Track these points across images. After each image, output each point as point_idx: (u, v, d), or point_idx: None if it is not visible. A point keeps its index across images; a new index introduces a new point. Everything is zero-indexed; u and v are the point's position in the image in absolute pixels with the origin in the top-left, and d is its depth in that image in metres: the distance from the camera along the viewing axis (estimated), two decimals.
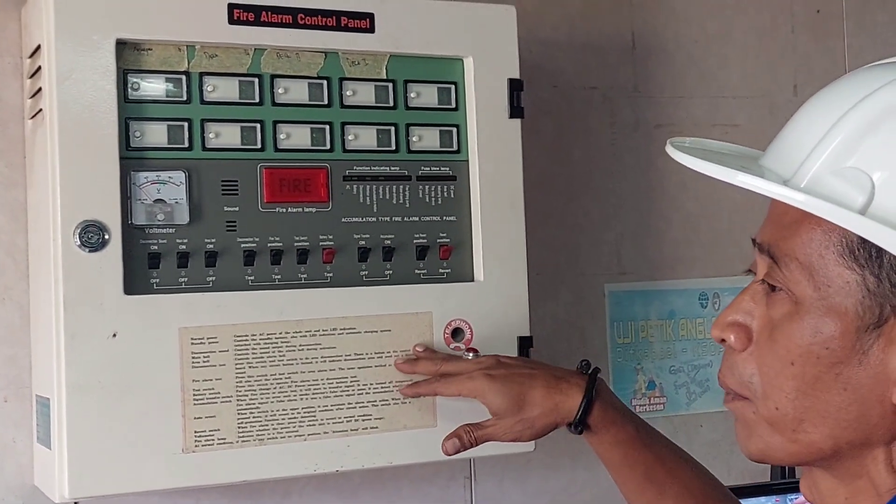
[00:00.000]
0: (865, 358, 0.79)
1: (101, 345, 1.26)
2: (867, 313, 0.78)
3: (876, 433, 0.81)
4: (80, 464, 1.25)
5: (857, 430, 0.81)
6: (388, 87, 1.44)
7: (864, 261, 0.78)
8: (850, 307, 0.79)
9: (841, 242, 0.79)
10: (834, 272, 0.80)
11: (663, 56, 1.88)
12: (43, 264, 1.33)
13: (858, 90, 0.81)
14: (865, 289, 0.78)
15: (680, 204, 1.88)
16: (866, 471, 0.83)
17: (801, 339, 0.81)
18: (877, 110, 0.79)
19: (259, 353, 1.34)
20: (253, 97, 1.37)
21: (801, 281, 0.81)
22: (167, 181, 1.32)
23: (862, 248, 0.78)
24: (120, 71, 1.30)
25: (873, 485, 0.83)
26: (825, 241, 0.80)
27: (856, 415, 0.80)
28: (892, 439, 0.81)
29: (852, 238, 0.78)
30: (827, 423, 0.82)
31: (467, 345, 1.44)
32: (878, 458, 0.82)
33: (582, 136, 1.81)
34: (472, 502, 1.71)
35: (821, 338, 0.80)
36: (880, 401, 0.79)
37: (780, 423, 0.84)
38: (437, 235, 1.46)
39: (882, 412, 0.80)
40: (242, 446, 1.32)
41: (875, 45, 2.05)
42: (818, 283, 0.80)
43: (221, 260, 1.34)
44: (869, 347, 0.79)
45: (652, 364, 1.85)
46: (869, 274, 0.78)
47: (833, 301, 0.80)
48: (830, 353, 0.80)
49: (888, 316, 0.78)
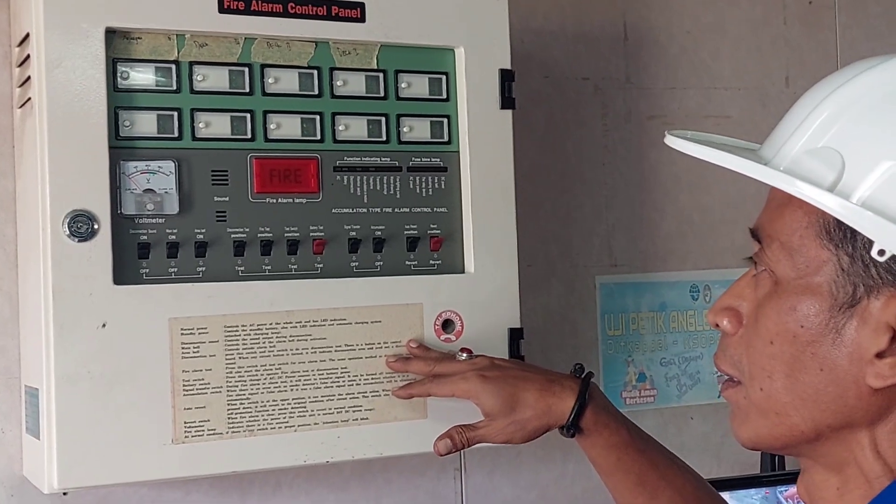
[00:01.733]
0: (839, 338, 0.81)
1: (90, 335, 1.27)
2: (840, 292, 0.81)
3: (855, 415, 0.82)
4: (69, 454, 1.26)
5: (837, 412, 0.83)
6: (379, 77, 1.45)
7: (839, 241, 0.81)
8: (825, 285, 0.81)
9: (819, 223, 0.82)
10: (812, 252, 0.82)
11: (656, 47, 1.89)
12: (32, 254, 1.33)
13: (840, 77, 0.84)
14: (839, 268, 0.81)
15: (672, 196, 1.89)
16: (854, 457, 0.84)
17: (779, 317, 0.84)
18: (853, 94, 0.82)
19: (249, 343, 1.34)
20: (243, 87, 1.37)
21: (782, 261, 0.84)
22: (157, 171, 1.32)
23: (837, 229, 0.81)
24: (109, 60, 1.30)
25: (862, 472, 0.84)
26: (805, 222, 0.83)
27: (833, 396, 0.82)
28: (873, 422, 0.83)
29: (829, 219, 0.81)
30: (807, 405, 0.83)
31: (458, 336, 1.45)
32: (863, 442, 0.84)
33: (574, 127, 1.82)
34: (462, 494, 1.71)
35: (795, 316, 0.83)
36: (856, 382, 0.81)
37: (766, 406, 0.86)
38: (427, 227, 1.47)
39: (858, 393, 0.81)
40: (232, 437, 1.33)
41: (867, 38, 2.06)
42: (797, 263, 0.83)
43: (211, 250, 1.34)
44: (842, 327, 0.81)
45: (643, 356, 1.86)
46: (843, 254, 0.80)
47: (810, 280, 0.82)
48: (805, 332, 0.82)
49: (861, 296, 0.80)
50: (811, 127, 0.83)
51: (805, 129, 0.84)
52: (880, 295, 0.79)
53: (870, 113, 0.81)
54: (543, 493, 1.77)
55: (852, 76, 0.83)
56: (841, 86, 0.83)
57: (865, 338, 0.80)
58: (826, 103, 0.83)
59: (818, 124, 0.83)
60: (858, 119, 0.81)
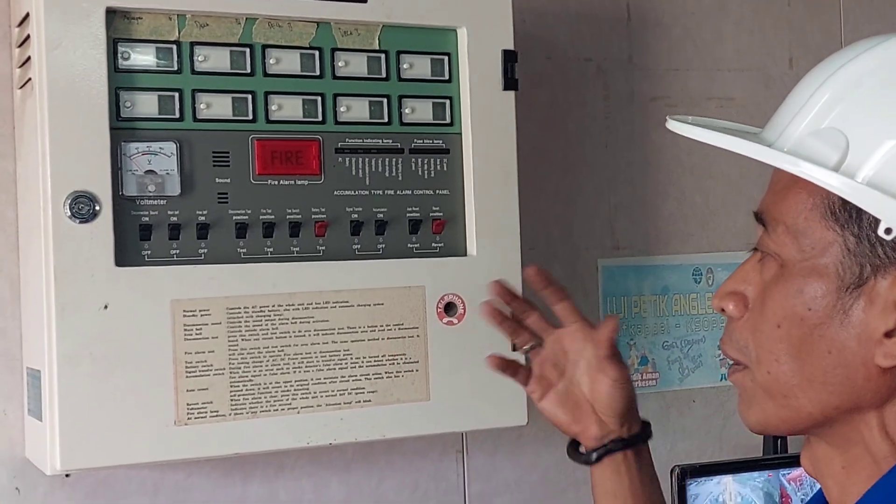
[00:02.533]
0: (847, 318, 0.81)
1: (92, 317, 1.27)
2: (847, 273, 0.81)
3: (864, 397, 0.82)
4: (72, 436, 1.26)
5: (844, 393, 0.83)
6: (381, 58, 1.44)
7: (845, 221, 0.80)
8: (831, 266, 0.81)
9: (824, 204, 0.82)
10: (817, 234, 0.82)
11: (658, 28, 1.88)
12: (33, 236, 1.33)
13: (841, 58, 0.84)
14: (846, 248, 0.80)
15: (675, 178, 1.89)
16: (861, 437, 0.84)
17: (786, 300, 0.84)
18: (855, 74, 0.82)
19: (252, 325, 1.34)
20: (244, 67, 1.37)
21: (787, 243, 0.84)
22: (158, 152, 1.32)
23: (843, 210, 0.81)
24: (110, 40, 1.30)
25: (869, 452, 0.84)
26: (809, 204, 0.83)
27: (841, 378, 0.82)
28: (882, 403, 0.83)
29: (834, 199, 0.81)
30: (814, 387, 0.83)
31: (460, 319, 1.45)
32: (871, 423, 0.84)
33: (576, 108, 1.82)
34: (464, 476, 1.72)
35: (803, 298, 0.83)
36: (864, 363, 0.81)
37: (773, 389, 0.85)
38: (429, 209, 1.47)
39: (867, 374, 0.81)
40: (235, 419, 1.33)
41: (871, 18, 2.05)
42: (802, 245, 0.83)
43: (213, 232, 1.34)
44: (850, 307, 0.81)
45: (645, 339, 1.86)
46: (849, 234, 0.80)
47: (816, 262, 0.82)
48: (813, 314, 0.82)
49: (868, 276, 0.80)
50: (814, 108, 0.83)
51: (808, 111, 0.83)
52: (887, 274, 0.79)
53: (872, 93, 0.81)
54: (545, 475, 1.77)
55: (854, 56, 0.83)
56: (842, 66, 0.83)
57: (873, 317, 0.80)
58: (828, 84, 0.83)
59: (821, 105, 0.83)
60: (861, 99, 0.81)
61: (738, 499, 1.74)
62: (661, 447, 1.85)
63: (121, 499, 1.49)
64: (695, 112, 1.89)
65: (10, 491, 1.44)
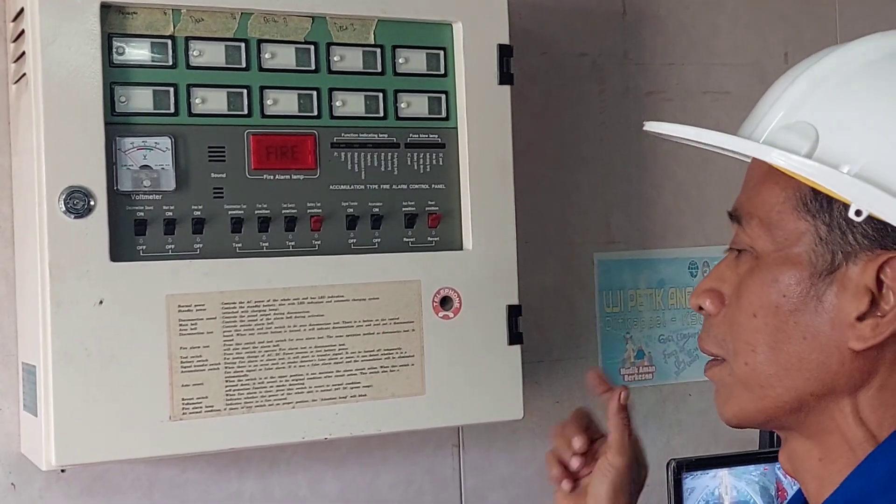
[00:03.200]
0: (821, 304, 0.83)
1: (87, 312, 1.27)
2: (819, 260, 0.83)
3: (838, 382, 0.84)
4: (67, 431, 1.26)
5: (820, 379, 0.84)
6: (377, 52, 1.44)
7: (816, 211, 0.83)
8: (804, 255, 0.84)
9: (795, 196, 0.84)
10: (790, 225, 0.85)
11: (654, 22, 1.88)
12: (28, 231, 1.32)
13: (810, 60, 0.88)
14: (818, 237, 0.83)
15: (671, 172, 1.89)
16: (836, 425, 0.86)
17: (761, 289, 0.86)
18: (822, 72, 0.85)
19: (247, 320, 1.34)
20: (239, 62, 1.37)
21: (761, 236, 0.87)
22: (153, 147, 1.32)
23: (814, 200, 0.83)
24: (104, 35, 1.29)
25: (845, 439, 0.86)
26: (782, 197, 0.85)
27: (816, 363, 0.84)
28: (855, 388, 0.84)
29: (805, 191, 0.83)
30: (791, 374, 0.85)
31: (456, 313, 1.45)
32: (846, 409, 0.85)
33: (571, 103, 1.82)
34: (460, 471, 1.72)
35: (778, 286, 0.85)
36: (838, 347, 0.83)
37: (751, 380, 0.87)
38: (425, 203, 1.46)
39: (840, 358, 0.83)
40: (230, 414, 1.33)
41: (866, 13, 2.05)
42: (776, 236, 0.86)
43: (208, 227, 1.34)
44: (823, 293, 0.83)
45: (641, 333, 1.86)
46: (821, 223, 0.83)
47: (789, 252, 0.85)
48: (788, 301, 0.84)
49: (840, 263, 0.82)
50: (785, 104, 0.86)
51: (780, 107, 0.87)
52: (858, 260, 0.82)
53: (838, 88, 0.84)
54: (541, 469, 1.77)
55: (822, 57, 0.87)
56: (810, 66, 0.86)
57: (846, 302, 0.82)
58: (798, 82, 0.86)
59: (792, 102, 0.86)
60: (828, 94, 0.84)
61: (733, 492, 1.74)
62: (658, 441, 1.85)
63: (116, 494, 1.49)
64: (690, 106, 1.90)
65: (5, 486, 1.44)
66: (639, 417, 1.83)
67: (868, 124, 0.82)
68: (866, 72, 0.84)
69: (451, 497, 1.71)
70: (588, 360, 1.81)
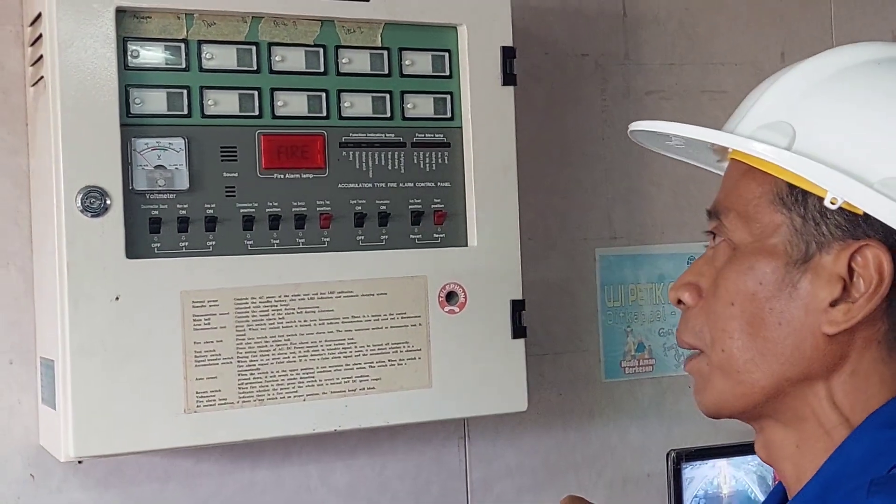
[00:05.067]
0: (796, 291, 0.86)
1: (103, 308, 1.28)
2: (794, 250, 0.86)
3: (812, 366, 0.86)
4: (84, 424, 1.27)
5: (795, 364, 0.86)
6: (383, 54, 1.45)
7: (791, 204, 0.86)
8: (780, 245, 0.86)
9: (772, 191, 0.87)
10: (766, 218, 0.87)
11: (654, 24, 1.89)
12: (46, 230, 1.34)
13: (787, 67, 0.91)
14: (793, 228, 0.86)
15: (670, 169, 1.89)
16: (811, 410, 0.88)
17: (738, 278, 0.88)
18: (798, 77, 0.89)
19: (259, 315, 1.35)
20: (251, 65, 1.38)
21: (739, 228, 0.89)
22: (167, 147, 1.33)
23: (790, 194, 0.86)
24: (120, 39, 1.30)
25: (820, 424, 0.87)
26: (758, 192, 0.88)
27: (792, 348, 0.86)
28: (829, 373, 0.87)
29: (781, 186, 0.86)
30: (767, 360, 0.87)
31: (461, 308, 1.46)
32: (820, 394, 0.87)
33: (573, 102, 1.82)
34: (466, 462, 1.73)
35: (754, 275, 0.87)
36: (812, 332, 0.85)
37: (728, 367, 0.89)
38: (431, 201, 1.47)
39: (814, 343, 0.86)
40: (243, 406, 1.34)
41: (861, 13, 2.05)
42: (752, 228, 0.88)
43: (221, 225, 1.35)
44: (798, 281, 0.85)
45: (641, 327, 1.87)
46: (796, 215, 0.86)
47: (766, 243, 0.87)
48: (764, 289, 0.87)
49: (813, 252, 0.85)
50: (764, 105, 0.89)
51: (759, 108, 0.89)
52: (830, 249, 0.84)
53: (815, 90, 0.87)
54: (545, 459, 1.79)
55: (800, 63, 0.90)
56: (787, 72, 0.90)
57: (819, 289, 0.85)
58: (776, 86, 0.89)
59: (770, 103, 0.89)
60: (806, 96, 0.87)
61: (732, 482, 1.75)
62: (658, 432, 1.86)
63: (132, 485, 1.50)
64: (689, 105, 1.90)
65: (24, 477, 1.45)
66: (640, 409, 1.85)
67: (840, 123, 0.85)
68: (839, 77, 0.87)
69: (458, 487, 1.72)
70: (590, 353, 1.82)
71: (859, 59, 0.88)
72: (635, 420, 1.85)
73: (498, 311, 1.48)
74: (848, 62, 0.88)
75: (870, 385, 0.87)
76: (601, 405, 1.83)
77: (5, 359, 1.44)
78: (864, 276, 0.84)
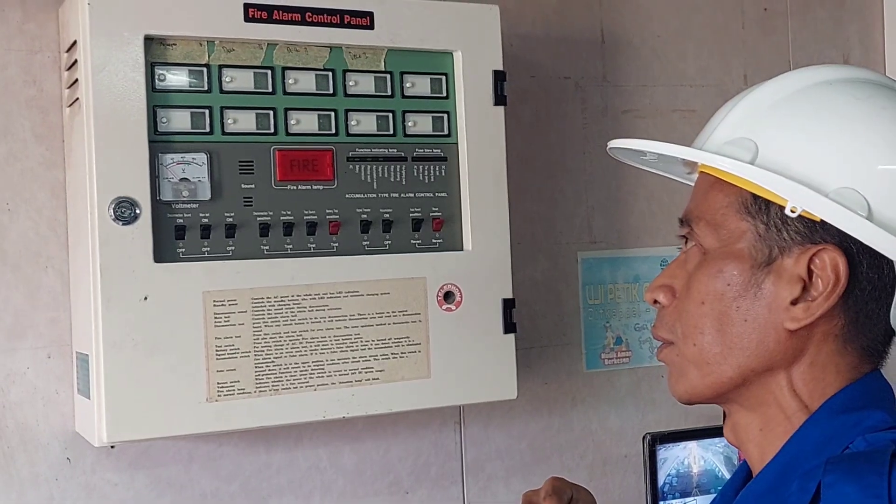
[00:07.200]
0: (760, 291, 0.86)
1: (133, 307, 1.27)
2: (758, 254, 0.86)
3: (775, 358, 0.87)
4: (116, 412, 1.26)
5: (759, 356, 0.87)
6: (387, 77, 1.44)
7: (756, 212, 0.86)
8: (745, 250, 0.87)
9: (738, 201, 0.87)
10: (733, 225, 0.88)
11: (629, 49, 1.88)
12: (81, 236, 1.33)
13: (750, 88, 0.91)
14: (757, 234, 0.86)
15: (644, 181, 1.89)
16: (774, 397, 0.88)
17: (708, 280, 0.88)
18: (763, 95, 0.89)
19: (274, 313, 1.35)
20: (266, 87, 1.37)
21: (708, 235, 0.89)
22: (191, 162, 1.33)
23: (753, 204, 0.86)
24: (148, 64, 1.30)
25: (781, 410, 0.88)
26: (725, 202, 0.88)
27: (756, 342, 0.86)
28: (789, 364, 0.87)
29: (746, 196, 0.87)
30: (734, 353, 0.87)
31: (457, 306, 1.46)
32: (781, 383, 0.88)
33: (557, 120, 1.82)
34: (461, 444, 1.72)
35: (723, 277, 0.87)
36: (775, 328, 0.86)
37: (698, 359, 0.89)
38: (430, 210, 1.47)
39: (777, 338, 0.86)
40: (260, 396, 1.33)
41: (816, 39, 2.05)
42: (721, 235, 0.88)
43: (239, 232, 1.35)
44: (762, 282, 0.86)
45: (619, 322, 1.87)
46: (759, 223, 0.86)
47: (732, 248, 0.87)
48: (731, 289, 0.87)
49: (776, 256, 0.86)
50: (729, 123, 0.89)
51: (724, 126, 0.89)
52: (791, 253, 0.85)
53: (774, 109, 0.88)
54: (533, 443, 1.78)
55: (761, 84, 0.90)
56: (750, 92, 0.90)
57: (781, 289, 0.85)
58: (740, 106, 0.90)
59: (734, 121, 0.89)
60: (766, 114, 0.88)
61: (701, 462, 1.75)
62: (634, 417, 1.85)
63: (159, 466, 1.50)
64: (661, 123, 1.90)
65: (62, 461, 1.44)
66: (618, 396, 1.85)
67: (797, 138, 0.85)
68: (796, 97, 0.88)
69: (454, 467, 1.71)
70: (573, 346, 1.81)
71: (814, 80, 0.89)
72: (614, 407, 1.85)
73: (490, 309, 1.48)
74: (804, 83, 0.89)
75: (826, 374, 0.87)
76: (583, 393, 1.83)
77: (44, 353, 1.43)
78: (822, 276, 0.84)
